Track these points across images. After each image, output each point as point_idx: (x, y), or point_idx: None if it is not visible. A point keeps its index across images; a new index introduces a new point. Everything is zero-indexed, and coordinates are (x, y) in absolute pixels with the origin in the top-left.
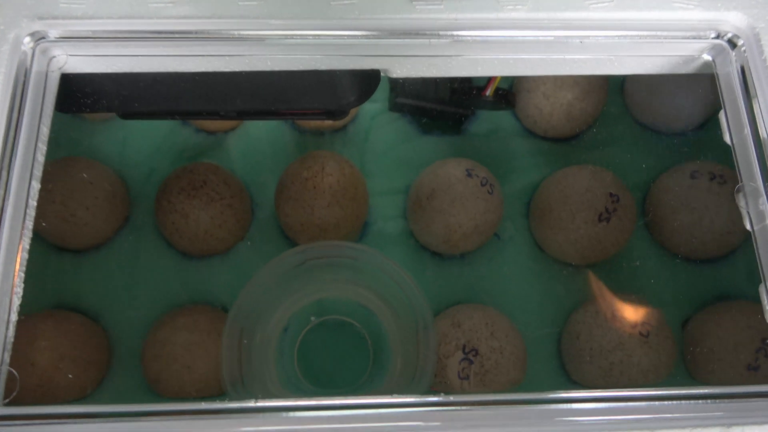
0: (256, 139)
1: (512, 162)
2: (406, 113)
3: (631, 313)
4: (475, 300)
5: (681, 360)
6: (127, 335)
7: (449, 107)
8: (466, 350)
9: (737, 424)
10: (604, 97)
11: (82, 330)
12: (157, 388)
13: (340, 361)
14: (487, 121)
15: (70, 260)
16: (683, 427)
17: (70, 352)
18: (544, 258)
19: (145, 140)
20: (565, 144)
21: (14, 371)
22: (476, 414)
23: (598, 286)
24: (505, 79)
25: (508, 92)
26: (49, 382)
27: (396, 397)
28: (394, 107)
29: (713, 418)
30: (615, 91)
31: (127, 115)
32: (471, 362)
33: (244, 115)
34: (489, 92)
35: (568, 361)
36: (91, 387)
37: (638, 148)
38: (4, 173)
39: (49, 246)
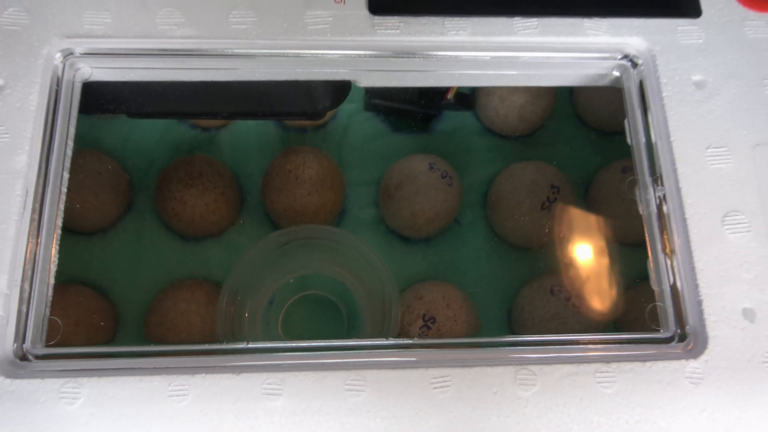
0: (245, 134)
1: (473, 157)
2: (380, 113)
3: (567, 288)
4: (437, 277)
5: (613, 326)
6: (131, 307)
7: (418, 108)
8: (426, 318)
9: (614, 361)
10: (553, 100)
11: (92, 301)
12: None
13: (318, 330)
14: (451, 120)
15: (80, 241)
16: (572, 362)
17: (83, 320)
18: (498, 241)
19: (146, 135)
20: (518, 141)
21: (57, 320)
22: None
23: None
24: None
25: (468, 96)
26: (66, 344)
27: (366, 340)
28: (369, 107)
29: (595, 357)
30: (564, 95)
31: (133, 114)
32: (429, 328)
33: (235, 116)
34: (450, 96)
35: (516, 328)
36: None
37: (584, 145)
38: (43, 165)
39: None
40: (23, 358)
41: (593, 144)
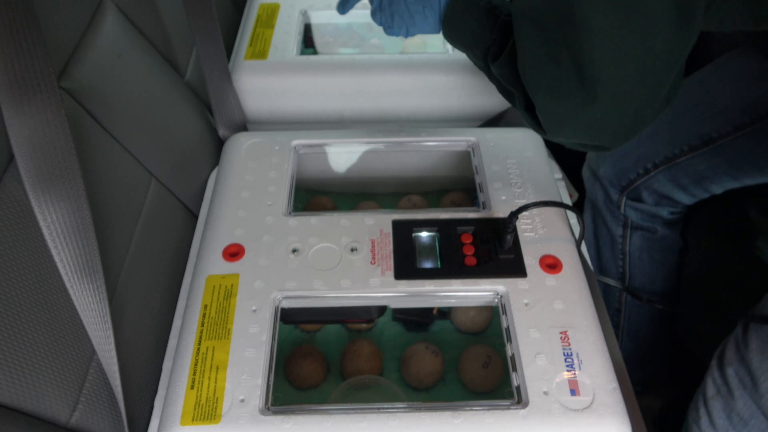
0: (327, 333)
1: (450, 344)
2: (400, 322)
3: None
4: None
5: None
6: None
7: (420, 319)
8: None
9: (493, 410)
10: (491, 312)
11: None
12: None
13: None
14: (438, 325)
15: None
16: (476, 411)
17: None
18: (465, 389)
19: (280, 334)
20: (475, 336)
21: (280, 395)
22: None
23: None
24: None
25: (446, 311)
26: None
27: (406, 403)
28: (394, 318)
29: (485, 409)
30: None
31: (296, 323)
32: None
33: (336, 323)
34: (435, 311)
35: None
36: None
37: None
38: (271, 339)
39: None
40: (267, 408)
41: None
